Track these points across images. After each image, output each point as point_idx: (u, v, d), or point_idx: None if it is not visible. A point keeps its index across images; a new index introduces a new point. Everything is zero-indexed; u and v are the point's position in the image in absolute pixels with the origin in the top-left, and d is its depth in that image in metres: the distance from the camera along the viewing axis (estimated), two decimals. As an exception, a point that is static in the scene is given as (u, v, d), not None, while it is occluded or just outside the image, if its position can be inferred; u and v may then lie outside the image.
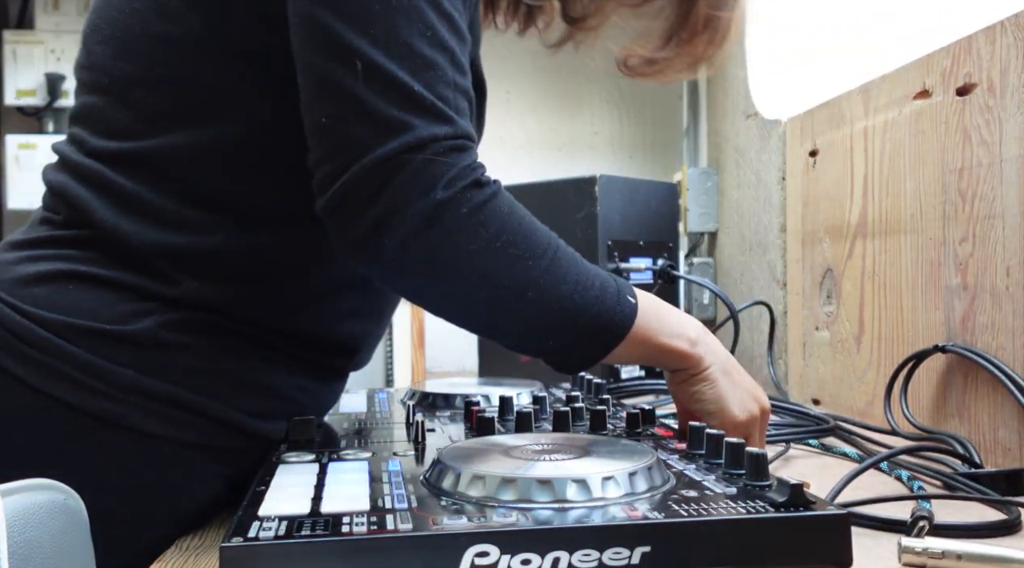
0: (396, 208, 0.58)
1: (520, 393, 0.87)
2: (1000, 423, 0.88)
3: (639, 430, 0.70)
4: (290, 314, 0.73)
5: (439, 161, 0.59)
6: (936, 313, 0.99)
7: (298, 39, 0.62)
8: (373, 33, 0.59)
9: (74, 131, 0.74)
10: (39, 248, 0.70)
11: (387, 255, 0.60)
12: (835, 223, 1.23)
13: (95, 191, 0.70)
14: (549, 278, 0.64)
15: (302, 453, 0.63)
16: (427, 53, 0.60)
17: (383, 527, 0.44)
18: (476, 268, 0.61)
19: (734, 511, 0.45)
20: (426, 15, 0.60)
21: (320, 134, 0.61)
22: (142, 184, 0.69)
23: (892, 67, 1.08)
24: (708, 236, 1.83)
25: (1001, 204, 0.88)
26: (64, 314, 0.66)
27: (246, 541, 0.43)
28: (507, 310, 0.64)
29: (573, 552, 0.43)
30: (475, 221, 0.60)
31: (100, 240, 0.69)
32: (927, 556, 0.57)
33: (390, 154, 0.58)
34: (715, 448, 0.57)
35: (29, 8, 1.93)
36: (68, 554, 0.59)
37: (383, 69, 0.58)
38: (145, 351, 0.67)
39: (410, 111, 0.59)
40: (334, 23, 0.59)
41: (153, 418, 0.66)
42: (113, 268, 0.68)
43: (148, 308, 0.68)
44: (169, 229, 0.69)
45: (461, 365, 1.93)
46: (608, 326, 0.67)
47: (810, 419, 1.02)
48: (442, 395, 0.87)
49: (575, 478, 0.48)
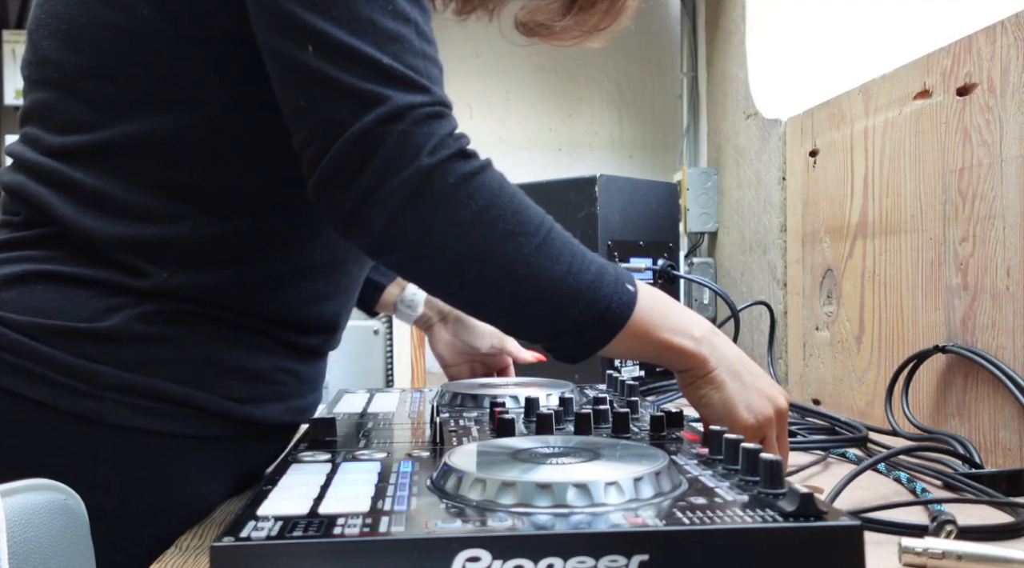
0: (382, 180, 0.58)
1: (549, 394, 0.86)
2: (1000, 423, 0.88)
3: (663, 433, 0.68)
4: (263, 298, 0.72)
5: (419, 130, 0.59)
6: (936, 313, 0.99)
7: (261, 26, 0.62)
8: (335, 14, 0.59)
9: (27, 130, 0.73)
10: (4, 251, 0.70)
11: (375, 228, 0.60)
12: (835, 223, 1.23)
13: (53, 189, 0.69)
14: (541, 257, 0.62)
15: (318, 452, 0.63)
16: (390, 26, 0.60)
17: (376, 529, 0.44)
18: (464, 241, 0.61)
19: (740, 520, 0.44)
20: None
21: (299, 117, 0.61)
22: (101, 177, 0.69)
23: (892, 67, 1.08)
24: (708, 236, 1.82)
25: (1001, 204, 0.88)
26: (35, 315, 0.66)
27: (237, 541, 0.42)
28: (498, 289, 0.63)
29: (567, 559, 0.42)
30: (463, 192, 0.60)
31: (63, 238, 0.68)
32: (927, 556, 0.56)
33: (369, 126, 0.58)
34: (733, 453, 0.56)
35: (28, 8, 1.94)
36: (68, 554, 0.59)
37: (349, 46, 0.59)
38: (121, 346, 0.66)
39: (383, 83, 0.59)
40: (295, 7, 0.59)
41: (137, 413, 0.66)
42: (80, 265, 0.68)
43: (120, 303, 0.67)
44: (133, 221, 0.68)
45: (461, 365, 1.93)
46: (604, 314, 0.65)
47: (843, 426, 1.00)
48: (471, 395, 0.87)
49: (576, 483, 0.47)
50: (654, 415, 0.69)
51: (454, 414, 0.81)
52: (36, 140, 0.71)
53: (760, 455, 0.51)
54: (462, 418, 0.79)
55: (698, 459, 0.59)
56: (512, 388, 0.91)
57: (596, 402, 0.76)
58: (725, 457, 0.57)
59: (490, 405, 0.81)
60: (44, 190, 0.69)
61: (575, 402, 0.80)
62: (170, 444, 0.67)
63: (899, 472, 0.81)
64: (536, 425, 0.70)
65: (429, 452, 0.63)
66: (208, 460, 0.70)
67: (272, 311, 0.73)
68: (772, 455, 0.51)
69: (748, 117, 1.58)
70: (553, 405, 0.80)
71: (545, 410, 0.71)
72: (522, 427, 0.72)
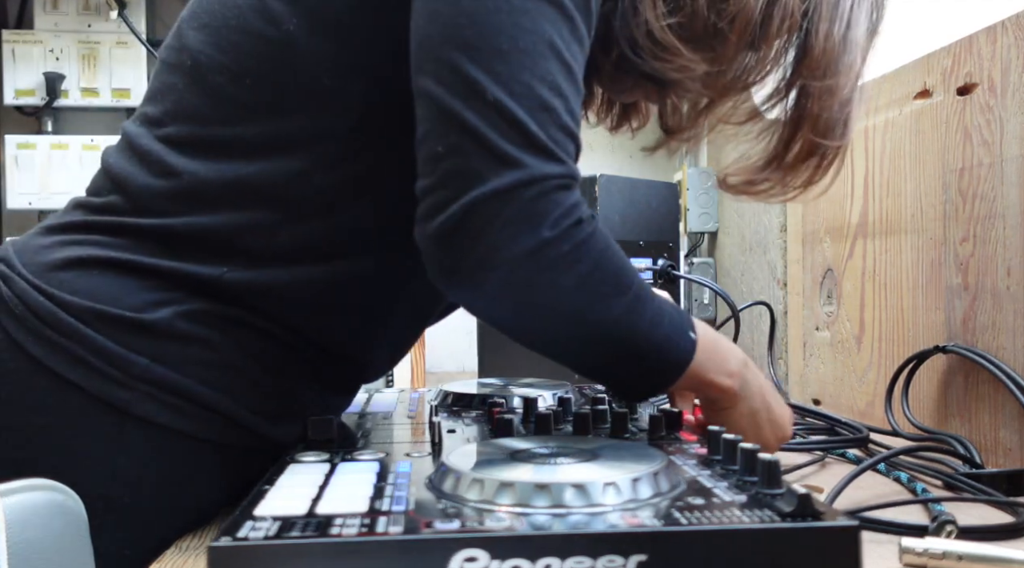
0: (504, 243, 0.59)
1: (547, 394, 0.86)
2: (1001, 423, 0.88)
3: (662, 434, 0.69)
4: (322, 325, 0.72)
5: (548, 198, 0.60)
6: (937, 313, 0.99)
7: (417, 67, 0.62)
8: (497, 70, 0.59)
9: (147, 110, 0.74)
10: (72, 233, 0.71)
11: (487, 289, 0.60)
12: (835, 223, 1.23)
13: (152, 173, 0.70)
14: (630, 314, 0.64)
15: (316, 453, 0.63)
16: (545, 96, 0.61)
17: (373, 529, 0.44)
18: (567, 303, 0.62)
19: (737, 520, 0.44)
20: (548, 61, 0.61)
21: (434, 162, 0.61)
22: (199, 169, 0.69)
23: (892, 67, 1.08)
24: (708, 236, 1.82)
25: (1002, 204, 0.88)
26: (86, 299, 0.67)
27: (234, 541, 0.42)
28: (586, 343, 0.65)
29: (565, 559, 0.42)
30: (573, 257, 0.61)
31: (134, 225, 0.69)
32: (927, 557, 0.56)
33: (504, 188, 0.58)
34: (731, 454, 0.56)
35: (28, 8, 1.93)
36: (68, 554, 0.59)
37: (504, 106, 0.59)
38: (161, 340, 0.67)
39: (525, 149, 0.59)
40: (459, 55, 0.60)
41: (162, 408, 0.67)
42: (142, 254, 0.69)
43: (169, 298, 0.68)
44: (212, 213, 0.69)
45: (461, 365, 1.93)
46: (670, 366, 0.68)
47: (843, 427, 1.01)
48: (468, 395, 0.87)
49: (574, 483, 0.47)
50: (653, 415, 0.69)
51: (452, 414, 0.81)
52: (155, 122, 0.72)
53: (758, 455, 0.51)
54: (460, 418, 0.79)
55: (697, 459, 0.59)
56: (509, 389, 0.90)
57: (595, 402, 0.76)
58: (724, 457, 0.57)
59: (488, 405, 0.81)
60: (142, 174, 0.70)
61: (574, 402, 0.80)
62: (188, 445, 0.68)
63: (899, 472, 0.81)
64: (535, 425, 0.69)
65: (427, 452, 0.63)
66: (219, 466, 0.70)
67: (325, 339, 0.73)
68: (770, 455, 0.51)
69: (748, 117, 1.58)
70: (552, 405, 0.80)
71: (544, 410, 0.71)
72: (520, 427, 0.72)
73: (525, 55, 0.60)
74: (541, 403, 0.78)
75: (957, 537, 0.61)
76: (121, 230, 0.70)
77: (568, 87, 0.62)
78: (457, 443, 0.67)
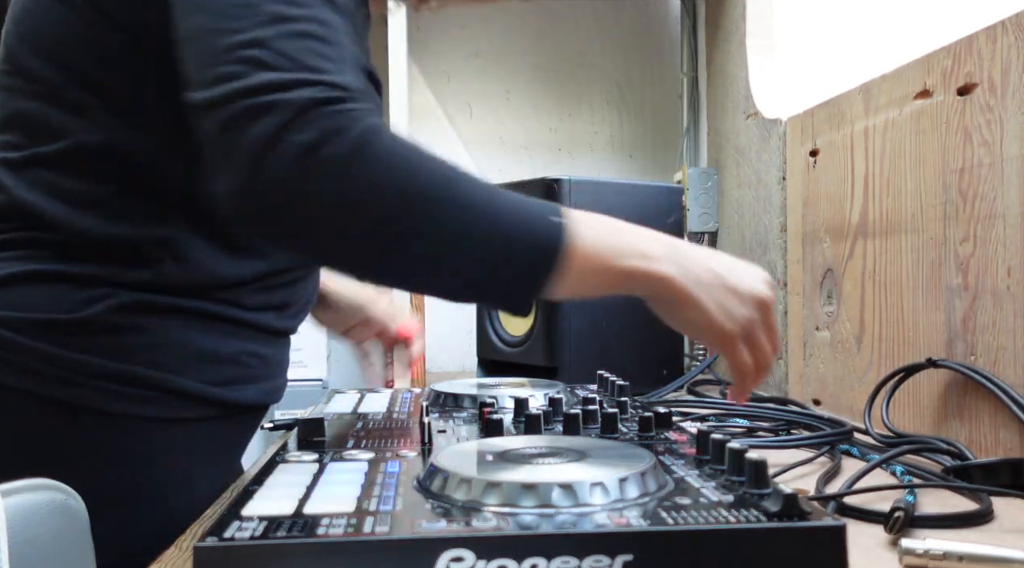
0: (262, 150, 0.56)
1: (538, 395, 0.86)
2: (999, 427, 0.87)
3: (652, 434, 0.68)
4: (231, 289, 0.76)
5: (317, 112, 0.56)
6: (937, 313, 0.98)
7: None
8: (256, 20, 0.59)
9: (7, 138, 0.75)
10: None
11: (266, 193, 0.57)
12: (835, 223, 1.22)
13: (40, 192, 0.72)
14: (454, 208, 0.58)
15: (305, 453, 0.63)
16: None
17: (360, 529, 0.43)
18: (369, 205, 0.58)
19: (724, 520, 0.44)
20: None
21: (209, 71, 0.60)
22: (81, 180, 0.72)
23: (892, 67, 1.07)
24: (708, 236, 1.82)
25: (1002, 204, 0.87)
26: (19, 311, 0.69)
27: (220, 541, 0.42)
28: (410, 232, 0.59)
29: (551, 559, 0.42)
30: (347, 162, 0.57)
31: (47, 239, 0.72)
32: (928, 558, 0.56)
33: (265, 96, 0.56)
34: (720, 454, 0.56)
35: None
36: (68, 554, 0.59)
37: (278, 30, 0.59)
38: (98, 335, 0.70)
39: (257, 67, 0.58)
40: None
41: (115, 399, 0.70)
42: (64, 263, 0.71)
43: (98, 294, 0.71)
44: (116, 220, 0.72)
45: (461, 365, 1.93)
46: (531, 251, 0.60)
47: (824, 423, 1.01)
48: (459, 395, 0.87)
49: (561, 483, 0.47)
50: (643, 416, 0.69)
51: (443, 414, 0.81)
52: (16, 146, 0.74)
53: (746, 456, 0.51)
54: (451, 418, 0.79)
55: (685, 459, 0.59)
56: (502, 389, 0.90)
57: (585, 402, 0.76)
58: (712, 457, 0.57)
59: (479, 405, 0.81)
60: (30, 194, 0.72)
61: (564, 402, 0.80)
62: (145, 427, 0.71)
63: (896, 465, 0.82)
64: (525, 425, 0.69)
65: (417, 452, 0.63)
66: (184, 441, 0.74)
67: (239, 300, 0.77)
68: (757, 455, 0.50)
69: (748, 117, 1.57)
70: (542, 405, 0.80)
71: (534, 410, 0.71)
72: (511, 427, 0.72)
73: None
74: (532, 403, 0.78)
75: (912, 525, 0.63)
76: (37, 243, 0.72)
77: None
78: (447, 443, 0.67)
